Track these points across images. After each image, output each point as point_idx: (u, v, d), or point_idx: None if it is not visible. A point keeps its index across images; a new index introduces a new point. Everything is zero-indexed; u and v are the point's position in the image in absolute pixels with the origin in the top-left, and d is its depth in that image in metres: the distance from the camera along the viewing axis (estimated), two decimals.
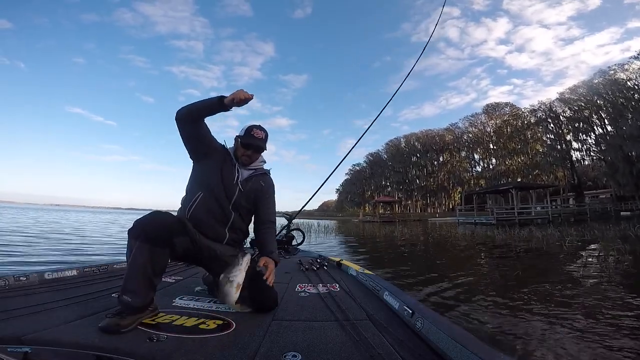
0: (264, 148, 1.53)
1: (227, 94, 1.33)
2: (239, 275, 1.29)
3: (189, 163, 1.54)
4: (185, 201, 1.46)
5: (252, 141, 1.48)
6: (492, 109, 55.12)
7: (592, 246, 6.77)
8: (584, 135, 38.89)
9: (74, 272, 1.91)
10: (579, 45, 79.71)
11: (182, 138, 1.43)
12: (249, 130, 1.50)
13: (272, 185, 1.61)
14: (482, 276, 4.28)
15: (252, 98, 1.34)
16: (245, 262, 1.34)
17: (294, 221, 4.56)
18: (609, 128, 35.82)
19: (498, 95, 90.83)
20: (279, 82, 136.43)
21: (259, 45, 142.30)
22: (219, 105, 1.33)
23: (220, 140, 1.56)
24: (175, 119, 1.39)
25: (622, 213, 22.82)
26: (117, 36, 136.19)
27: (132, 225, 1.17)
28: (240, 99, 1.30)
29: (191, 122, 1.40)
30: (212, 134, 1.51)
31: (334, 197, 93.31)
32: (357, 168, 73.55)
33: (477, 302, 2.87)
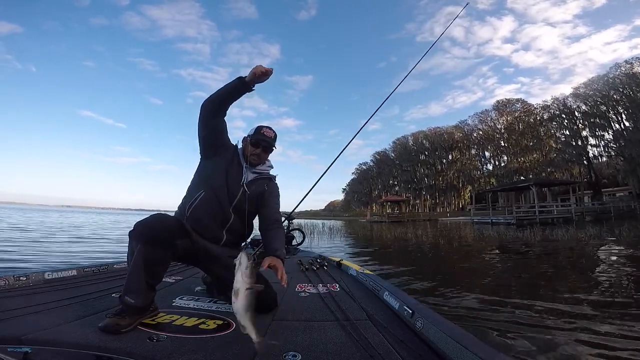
0: (273, 146, 1.53)
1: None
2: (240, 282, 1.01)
3: (197, 163, 1.53)
4: (185, 199, 1.45)
5: (262, 138, 1.48)
6: (502, 106, 53.72)
7: None
8: (600, 131, 37.53)
9: (74, 272, 1.94)
10: (585, 43, 77.15)
11: (199, 131, 1.43)
12: (259, 129, 1.50)
13: (277, 189, 1.60)
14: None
15: (272, 72, 1.32)
16: (243, 264, 1.03)
17: (294, 221, 4.56)
18: (627, 123, 34.54)
19: (505, 93, 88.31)
20: (285, 83, 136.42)
21: (264, 47, 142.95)
22: (240, 85, 1.32)
23: (234, 141, 1.56)
24: (201, 108, 1.39)
25: None
26: (125, 39, 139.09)
27: (132, 227, 1.17)
28: (261, 73, 1.29)
29: (215, 111, 1.39)
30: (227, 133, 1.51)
31: (340, 196, 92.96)
32: (364, 167, 72.87)
33: None
